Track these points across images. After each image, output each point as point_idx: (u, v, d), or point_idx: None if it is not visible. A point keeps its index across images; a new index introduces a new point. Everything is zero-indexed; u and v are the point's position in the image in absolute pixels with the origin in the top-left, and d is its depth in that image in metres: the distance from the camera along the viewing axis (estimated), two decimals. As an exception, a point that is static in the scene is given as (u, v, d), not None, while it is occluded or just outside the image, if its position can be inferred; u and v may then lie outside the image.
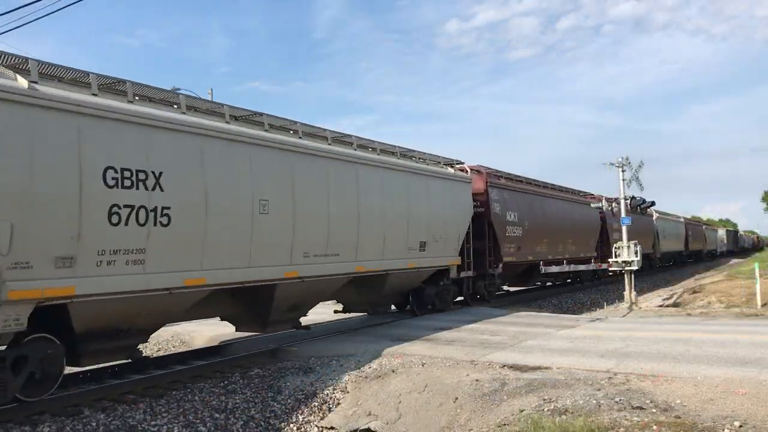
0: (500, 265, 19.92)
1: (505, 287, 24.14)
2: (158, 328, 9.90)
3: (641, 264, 22.25)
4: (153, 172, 8.55)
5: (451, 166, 17.46)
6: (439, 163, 16.91)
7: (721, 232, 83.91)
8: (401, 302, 16.89)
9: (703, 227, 68.74)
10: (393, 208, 14.05)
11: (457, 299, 18.57)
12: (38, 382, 7.88)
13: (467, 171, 18.47)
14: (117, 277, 8.14)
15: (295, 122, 11.80)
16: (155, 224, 8.51)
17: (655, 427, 6.30)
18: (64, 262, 7.55)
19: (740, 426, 6.30)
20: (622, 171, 21.62)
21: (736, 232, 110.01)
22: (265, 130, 10.96)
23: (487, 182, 19.74)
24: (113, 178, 8.04)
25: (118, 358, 9.30)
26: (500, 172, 21.75)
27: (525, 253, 21.70)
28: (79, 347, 8.39)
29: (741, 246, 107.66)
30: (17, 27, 11.44)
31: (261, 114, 11.05)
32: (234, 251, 9.91)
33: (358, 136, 13.62)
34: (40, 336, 7.83)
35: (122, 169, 8.14)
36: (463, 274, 17.50)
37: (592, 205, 27.90)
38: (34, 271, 7.25)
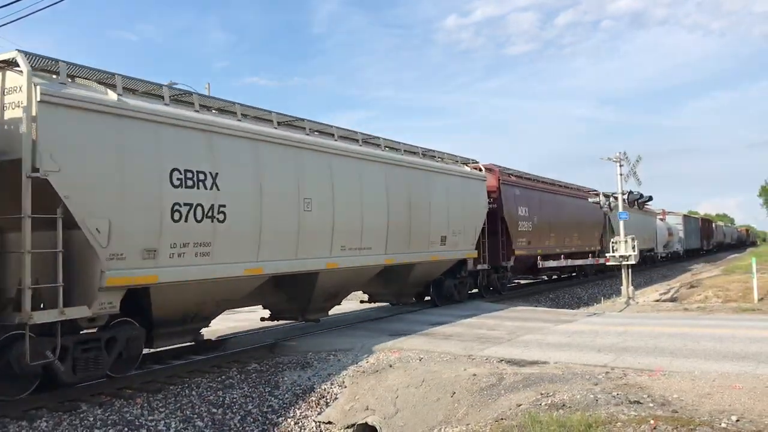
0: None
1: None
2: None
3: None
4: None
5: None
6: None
7: (674, 222, 52.84)
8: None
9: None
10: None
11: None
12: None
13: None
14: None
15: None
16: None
17: (652, 422, 6.31)
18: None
19: (737, 420, 6.31)
20: (620, 166, 21.60)
21: (709, 222, 78.67)
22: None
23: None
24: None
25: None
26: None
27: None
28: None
29: (716, 242, 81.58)
30: (14, 20, 11.40)
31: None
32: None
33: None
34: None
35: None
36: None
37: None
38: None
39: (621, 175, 21.61)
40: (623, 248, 21.10)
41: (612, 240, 22.13)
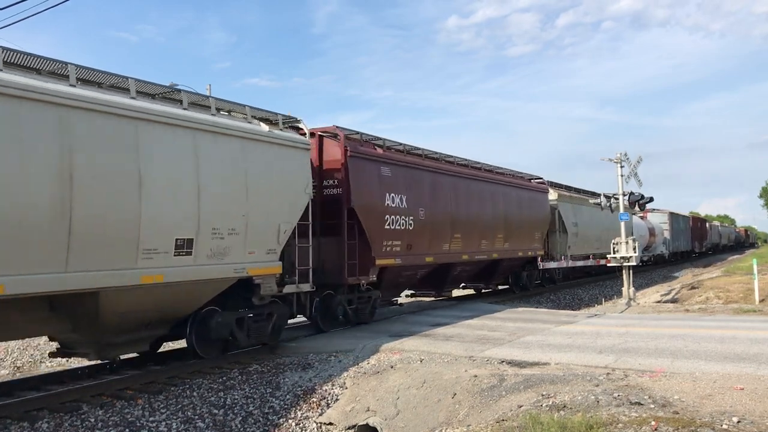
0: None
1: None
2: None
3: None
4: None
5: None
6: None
7: (657, 220, 44.52)
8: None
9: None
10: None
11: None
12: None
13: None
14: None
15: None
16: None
17: (653, 423, 6.31)
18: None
19: (738, 421, 6.31)
20: (621, 167, 21.58)
21: (702, 221, 69.37)
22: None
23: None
24: None
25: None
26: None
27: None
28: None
29: (711, 244, 71.86)
30: (16, 22, 11.38)
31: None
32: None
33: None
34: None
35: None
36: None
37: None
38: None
39: (622, 176, 21.60)
40: (624, 249, 21.09)
41: (613, 241, 22.11)
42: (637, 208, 24.79)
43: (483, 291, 23.66)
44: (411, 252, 15.24)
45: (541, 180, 25.11)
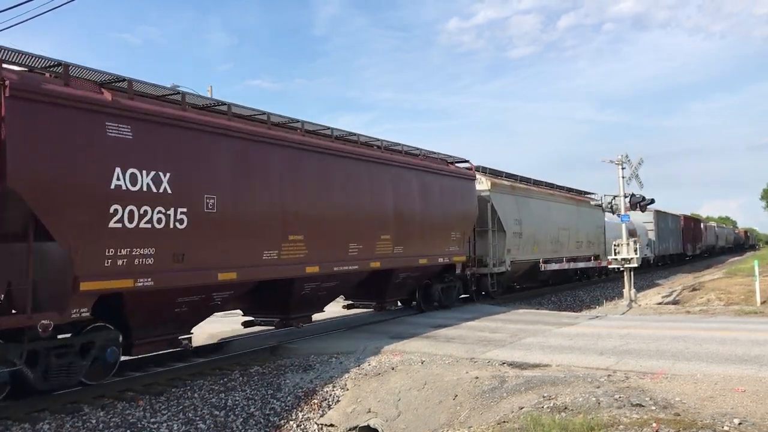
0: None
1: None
2: None
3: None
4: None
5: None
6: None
7: (641, 219, 38.16)
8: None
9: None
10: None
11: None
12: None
13: None
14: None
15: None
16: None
17: (654, 425, 6.30)
18: None
19: (739, 423, 6.31)
20: (622, 168, 21.59)
21: (696, 221, 62.86)
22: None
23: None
24: None
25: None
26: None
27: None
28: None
29: (706, 246, 66.18)
30: (18, 24, 11.38)
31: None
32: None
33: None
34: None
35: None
36: None
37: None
38: None
39: (623, 177, 21.60)
40: (625, 251, 21.09)
41: (614, 243, 22.09)
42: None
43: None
44: (183, 266, 9.24)
45: (465, 163, 18.30)
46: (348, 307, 15.87)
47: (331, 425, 8.87)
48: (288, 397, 9.52)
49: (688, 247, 54.58)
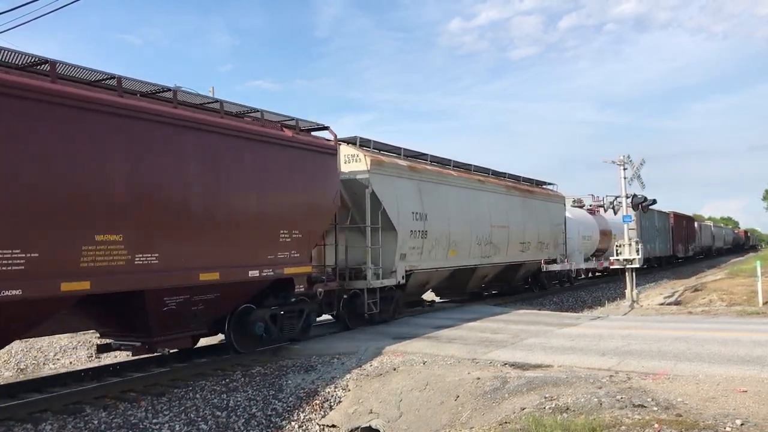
0: None
1: None
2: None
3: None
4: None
5: None
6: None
7: (619, 216, 23.72)
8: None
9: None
10: None
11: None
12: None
13: None
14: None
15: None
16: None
17: (656, 425, 6.30)
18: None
19: (742, 424, 6.30)
20: (624, 169, 21.58)
21: (689, 219, 56.80)
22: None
23: None
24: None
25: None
26: None
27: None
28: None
29: (700, 247, 60.05)
30: (20, 25, 11.35)
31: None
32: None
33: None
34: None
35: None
36: None
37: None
38: None
39: (625, 178, 21.59)
40: (627, 251, 21.07)
41: (616, 243, 22.06)
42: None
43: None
44: None
45: (324, 130, 12.86)
46: (101, 350, 9.97)
47: (333, 426, 8.87)
48: (290, 397, 9.52)
49: (680, 249, 49.36)
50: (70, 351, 13.23)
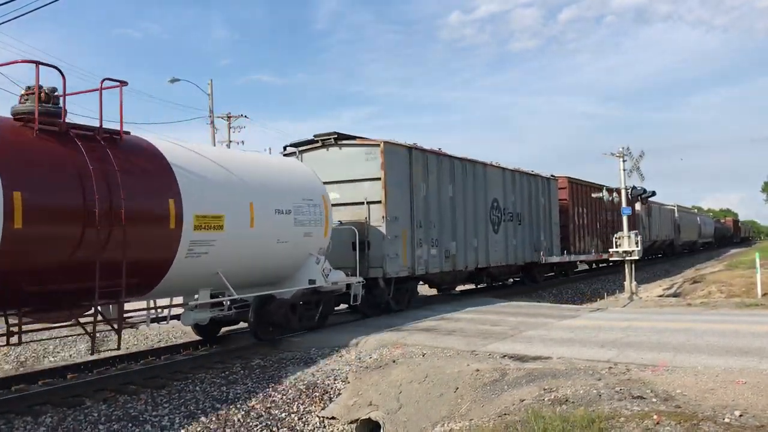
0: None
1: None
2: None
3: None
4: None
5: None
6: None
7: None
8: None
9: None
10: None
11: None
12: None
13: None
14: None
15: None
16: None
17: (655, 417, 6.31)
18: None
19: (740, 415, 6.31)
20: (623, 161, 21.57)
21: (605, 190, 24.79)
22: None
23: None
24: None
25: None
26: None
27: None
28: None
29: (684, 241, 49.49)
30: (14, 18, 11.29)
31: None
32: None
33: None
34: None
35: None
36: None
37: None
38: None
39: (624, 170, 21.59)
40: (626, 243, 21.09)
41: (615, 236, 22.07)
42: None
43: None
44: None
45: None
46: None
47: (333, 418, 8.88)
48: (289, 390, 9.53)
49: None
50: (69, 344, 13.24)
